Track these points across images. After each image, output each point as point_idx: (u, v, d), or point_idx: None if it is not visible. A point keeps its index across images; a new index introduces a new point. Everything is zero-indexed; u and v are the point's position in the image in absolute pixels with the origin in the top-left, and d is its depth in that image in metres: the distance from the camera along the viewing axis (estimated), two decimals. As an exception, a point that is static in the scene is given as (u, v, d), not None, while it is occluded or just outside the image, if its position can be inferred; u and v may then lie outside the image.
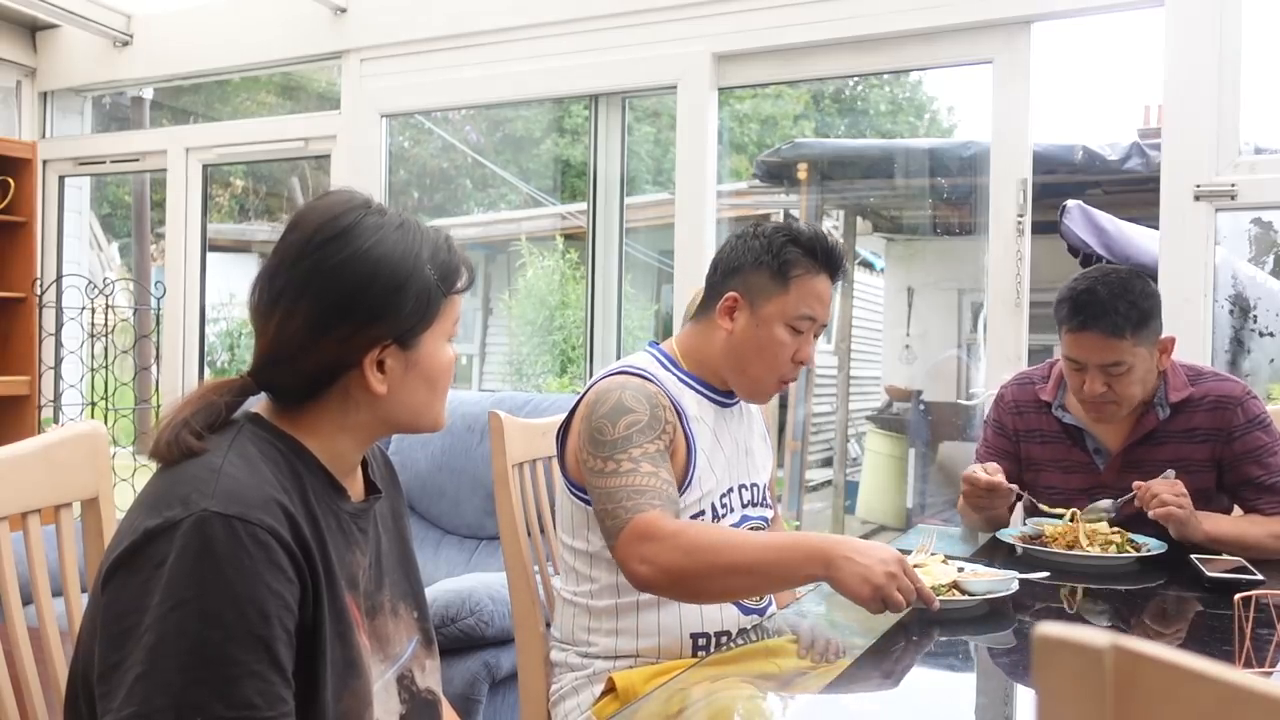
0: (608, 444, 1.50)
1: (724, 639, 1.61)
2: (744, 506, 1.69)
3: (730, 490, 1.67)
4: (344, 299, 1.04)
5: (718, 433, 1.67)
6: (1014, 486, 1.94)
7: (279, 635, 0.94)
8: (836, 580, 1.32)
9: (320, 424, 1.08)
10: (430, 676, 1.22)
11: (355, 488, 1.15)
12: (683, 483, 1.59)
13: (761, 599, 1.71)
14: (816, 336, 1.67)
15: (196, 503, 0.93)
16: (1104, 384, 1.89)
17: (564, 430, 1.66)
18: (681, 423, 1.59)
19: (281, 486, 1.00)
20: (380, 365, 1.06)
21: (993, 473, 1.93)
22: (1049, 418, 2.06)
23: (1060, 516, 1.94)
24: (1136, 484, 1.86)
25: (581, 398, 1.62)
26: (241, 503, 0.94)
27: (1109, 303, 1.85)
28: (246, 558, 0.92)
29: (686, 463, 1.59)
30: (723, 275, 1.67)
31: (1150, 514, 1.81)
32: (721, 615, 1.63)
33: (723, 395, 1.70)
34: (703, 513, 1.61)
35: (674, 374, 1.66)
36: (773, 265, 1.61)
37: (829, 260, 1.62)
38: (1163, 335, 1.93)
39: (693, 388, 1.67)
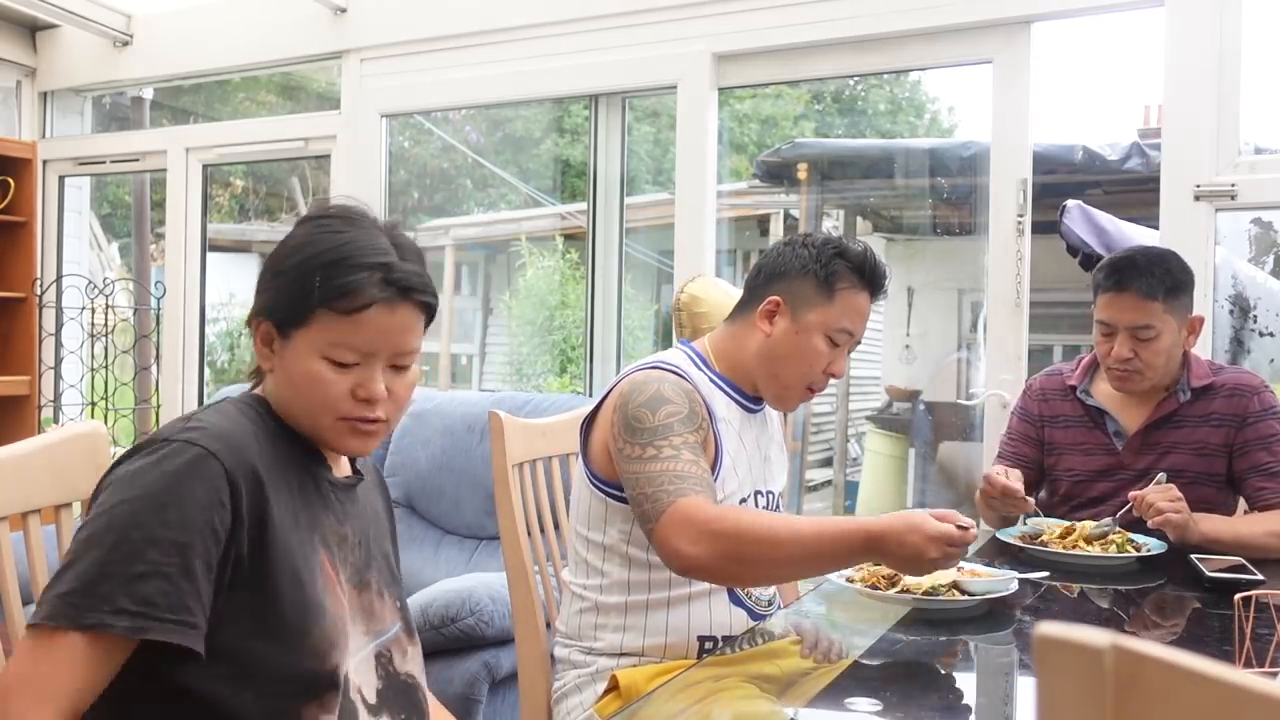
0: (647, 431, 1.50)
1: (729, 642, 1.61)
2: None
3: (750, 496, 1.68)
4: (260, 274, 1.15)
5: (742, 436, 1.67)
6: (1029, 499, 1.96)
7: (199, 551, 1.00)
8: (889, 564, 1.38)
9: (274, 401, 1.16)
10: (411, 662, 1.27)
11: (340, 468, 1.22)
12: None
13: (770, 604, 1.71)
14: (849, 352, 1.68)
15: (163, 434, 1.06)
16: (1131, 349, 1.97)
17: (589, 421, 1.66)
18: (711, 423, 1.60)
19: (252, 434, 1.08)
20: (269, 342, 1.13)
21: (1013, 479, 1.96)
22: (1073, 402, 2.13)
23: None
24: (1132, 494, 1.88)
25: (611, 388, 1.61)
26: (205, 436, 1.04)
27: (1145, 267, 1.97)
28: (192, 479, 1.01)
29: (714, 463, 1.59)
30: (766, 279, 1.67)
31: (1150, 524, 1.83)
32: (730, 619, 1.63)
33: (749, 400, 1.70)
34: None
35: (706, 374, 1.67)
36: (820, 275, 1.62)
37: (874, 279, 1.65)
38: (1196, 314, 2.03)
39: (722, 389, 1.67)
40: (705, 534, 1.38)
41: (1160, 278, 1.95)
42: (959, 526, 1.31)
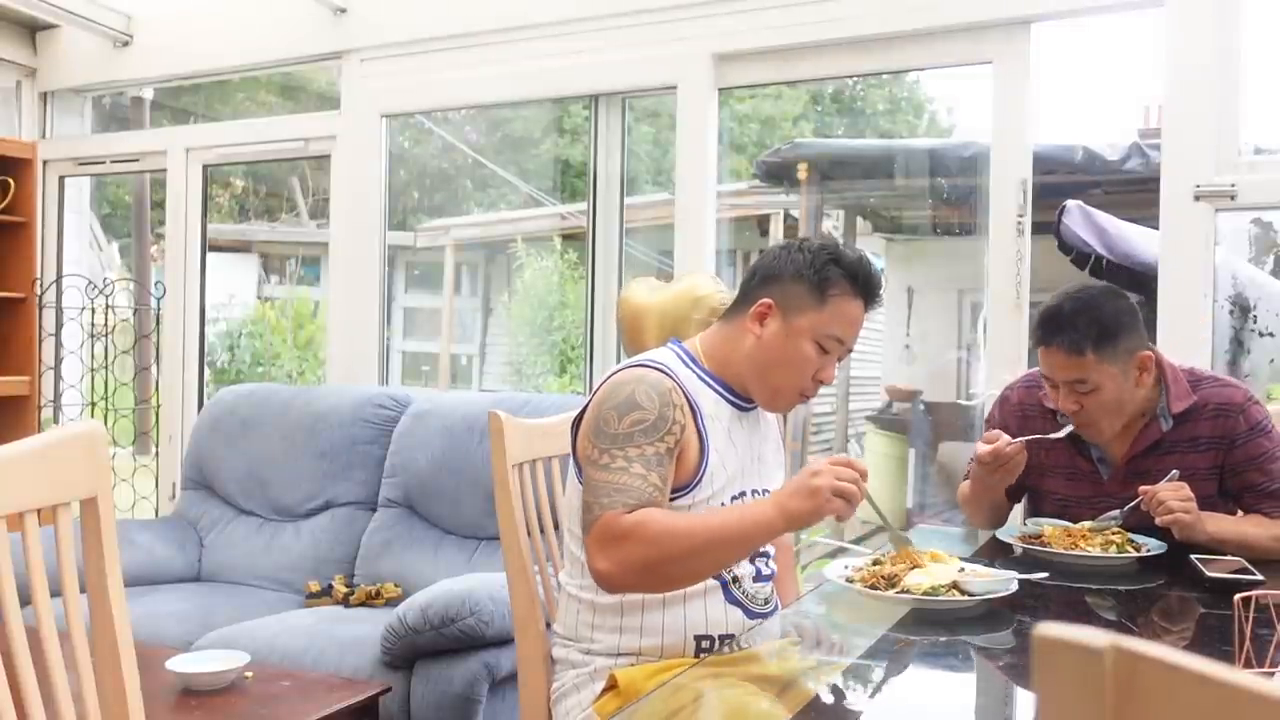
0: (608, 436, 1.52)
1: (727, 642, 1.61)
2: None
3: (742, 494, 1.67)
4: None
5: (732, 434, 1.67)
6: (1017, 441, 1.91)
7: None
8: (794, 516, 1.41)
9: None
10: None
11: None
12: (694, 479, 1.59)
13: (767, 603, 1.71)
14: (840, 359, 1.67)
15: None
16: (1075, 402, 1.88)
17: (578, 421, 1.66)
18: (695, 420, 1.59)
19: None
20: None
21: (993, 439, 1.92)
22: (1054, 424, 2.05)
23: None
24: (1143, 488, 1.85)
25: (599, 388, 1.62)
26: None
27: (1070, 319, 1.84)
28: None
29: (699, 459, 1.59)
30: (760, 281, 1.67)
31: (1158, 521, 1.81)
32: (726, 618, 1.63)
33: (740, 399, 1.70)
34: None
35: (694, 371, 1.66)
36: (813, 280, 1.61)
37: (868, 286, 1.64)
38: (1144, 351, 1.89)
39: (711, 387, 1.67)
40: (613, 546, 1.43)
41: (1085, 330, 1.82)
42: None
